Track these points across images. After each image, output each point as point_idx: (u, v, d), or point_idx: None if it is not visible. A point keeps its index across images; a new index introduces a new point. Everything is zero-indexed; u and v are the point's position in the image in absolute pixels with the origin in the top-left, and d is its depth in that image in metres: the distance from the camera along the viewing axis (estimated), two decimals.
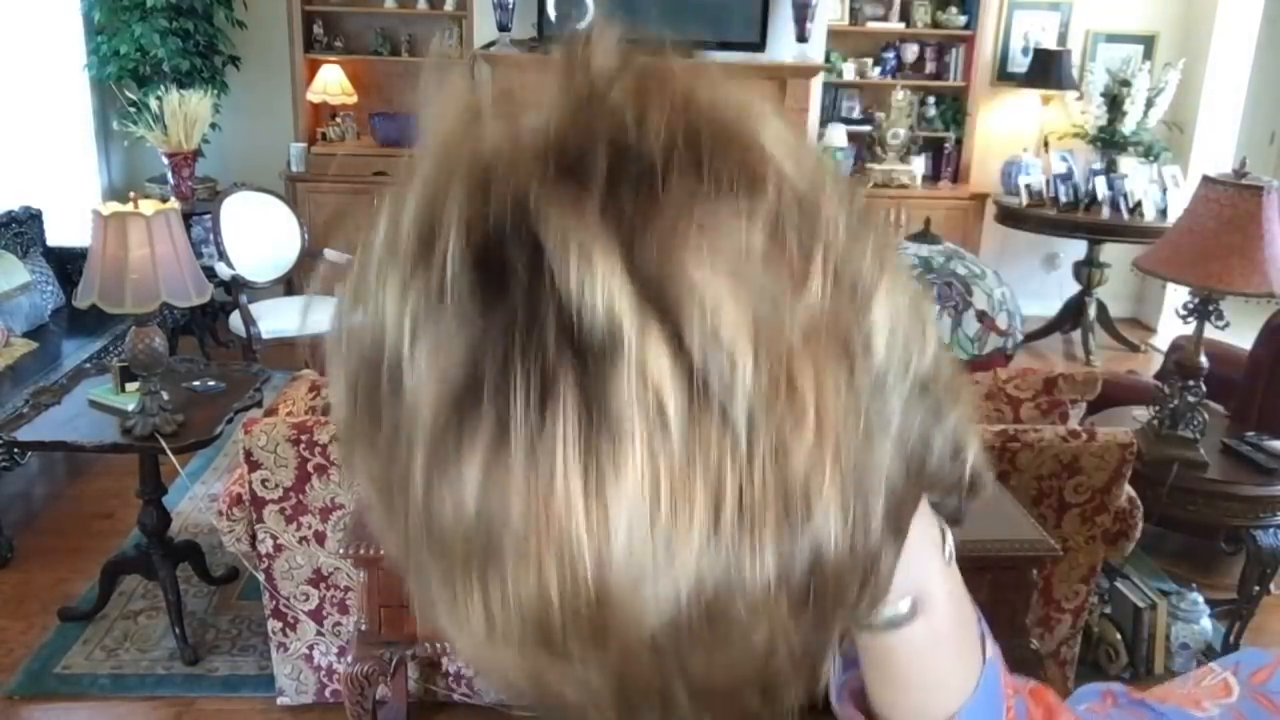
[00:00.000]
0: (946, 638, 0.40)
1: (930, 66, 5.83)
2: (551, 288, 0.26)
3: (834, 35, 5.60)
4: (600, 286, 0.25)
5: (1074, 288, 5.46)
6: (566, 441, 0.25)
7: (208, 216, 4.52)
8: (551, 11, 5.07)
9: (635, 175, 0.27)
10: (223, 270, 4.32)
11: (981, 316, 3.62)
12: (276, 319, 4.27)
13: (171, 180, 4.87)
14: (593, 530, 0.26)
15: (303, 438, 2.27)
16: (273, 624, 2.51)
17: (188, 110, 4.74)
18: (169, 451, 2.62)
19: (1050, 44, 5.70)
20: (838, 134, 5.52)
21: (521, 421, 0.26)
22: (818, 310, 0.27)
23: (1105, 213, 5.09)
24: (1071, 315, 5.49)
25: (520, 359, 0.26)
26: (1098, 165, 5.27)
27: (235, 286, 4.34)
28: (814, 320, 0.27)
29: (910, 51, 5.77)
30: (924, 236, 3.81)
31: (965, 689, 0.41)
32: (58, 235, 4.51)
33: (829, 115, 5.73)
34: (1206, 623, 2.86)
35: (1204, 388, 2.83)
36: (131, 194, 2.68)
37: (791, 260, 0.28)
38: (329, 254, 0.34)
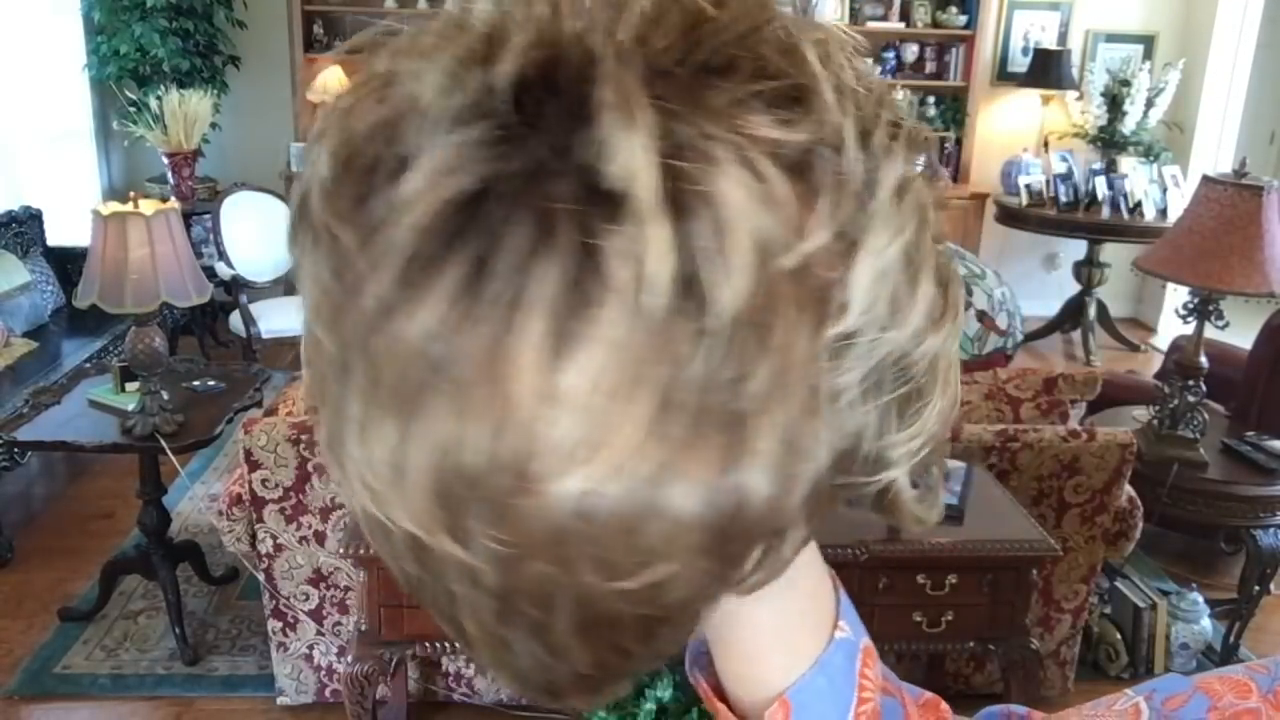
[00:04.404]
0: (781, 610, 0.39)
1: (930, 66, 5.83)
2: (585, 135, 0.25)
3: None
4: (629, 148, 0.25)
5: (1074, 288, 5.46)
6: (544, 295, 0.25)
7: (208, 216, 4.52)
8: None
9: (702, 61, 0.27)
10: (223, 270, 4.32)
11: (981, 316, 3.62)
12: (276, 319, 4.27)
13: (171, 180, 4.87)
14: (536, 393, 0.25)
15: (303, 438, 2.27)
16: (273, 624, 2.51)
17: (188, 110, 4.74)
18: (169, 451, 2.62)
19: (1050, 44, 5.70)
20: None
21: (506, 264, 0.25)
22: (813, 252, 0.27)
23: (1105, 213, 5.09)
24: (1071, 315, 5.49)
25: (528, 195, 0.25)
26: (1098, 165, 5.27)
27: (235, 286, 4.34)
28: (806, 261, 0.27)
29: (910, 51, 5.77)
30: None
31: (800, 668, 0.39)
32: (58, 235, 4.51)
33: None
34: (1206, 623, 2.86)
35: (1204, 388, 2.83)
36: (131, 194, 2.67)
37: (809, 193, 0.27)
38: None
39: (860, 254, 0.28)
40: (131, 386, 2.77)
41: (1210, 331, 2.79)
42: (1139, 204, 5.05)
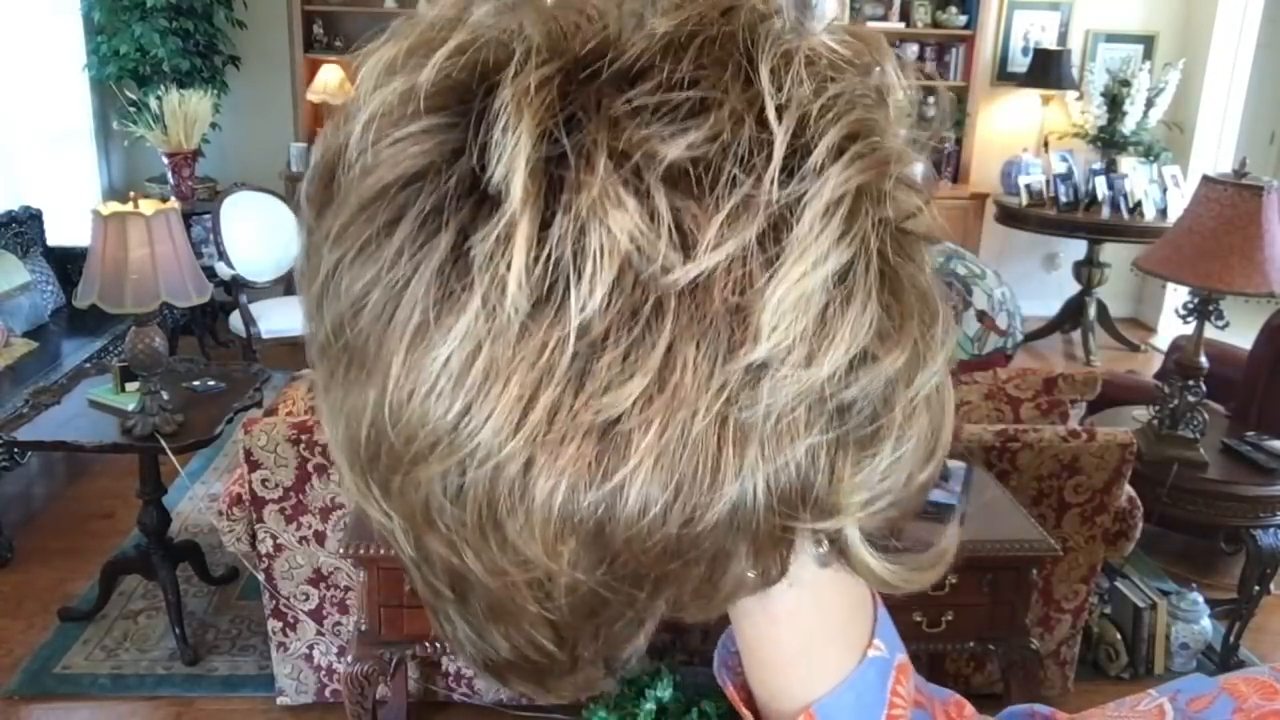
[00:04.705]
0: (811, 627, 0.39)
1: (930, 66, 5.82)
2: (483, 136, 0.27)
3: None
4: (509, 152, 0.26)
5: (1074, 288, 5.46)
6: (421, 284, 0.26)
7: (208, 216, 4.52)
8: None
9: (621, 68, 0.28)
10: (223, 270, 4.32)
11: (981, 316, 3.62)
12: (276, 319, 4.27)
13: (171, 180, 4.87)
14: (407, 375, 0.27)
15: (303, 438, 2.27)
16: (273, 624, 2.51)
17: (188, 110, 4.74)
18: (169, 451, 2.62)
19: (1050, 44, 5.70)
20: None
21: (400, 252, 0.27)
22: (707, 272, 0.26)
23: (1105, 213, 5.09)
24: (1071, 315, 5.49)
25: (428, 190, 0.27)
26: (1098, 165, 5.27)
27: (235, 286, 4.34)
28: (703, 281, 0.26)
29: (910, 51, 5.77)
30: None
31: (828, 682, 0.40)
32: (58, 235, 4.51)
33: None
34: (1206, 623, 2.86)
35: (1204, 388, 2.83)
36: (131, 194, 2.68)
37: (704, 210, 0.26)
38: None
39: (774, 280, 0.27)
40: (131, 386, 2.77)
41: (1210, 331, 2.79)
42: (1139, 204, 5.05)
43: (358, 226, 0.28)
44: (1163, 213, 5.01)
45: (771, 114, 0.27)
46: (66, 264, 4.34)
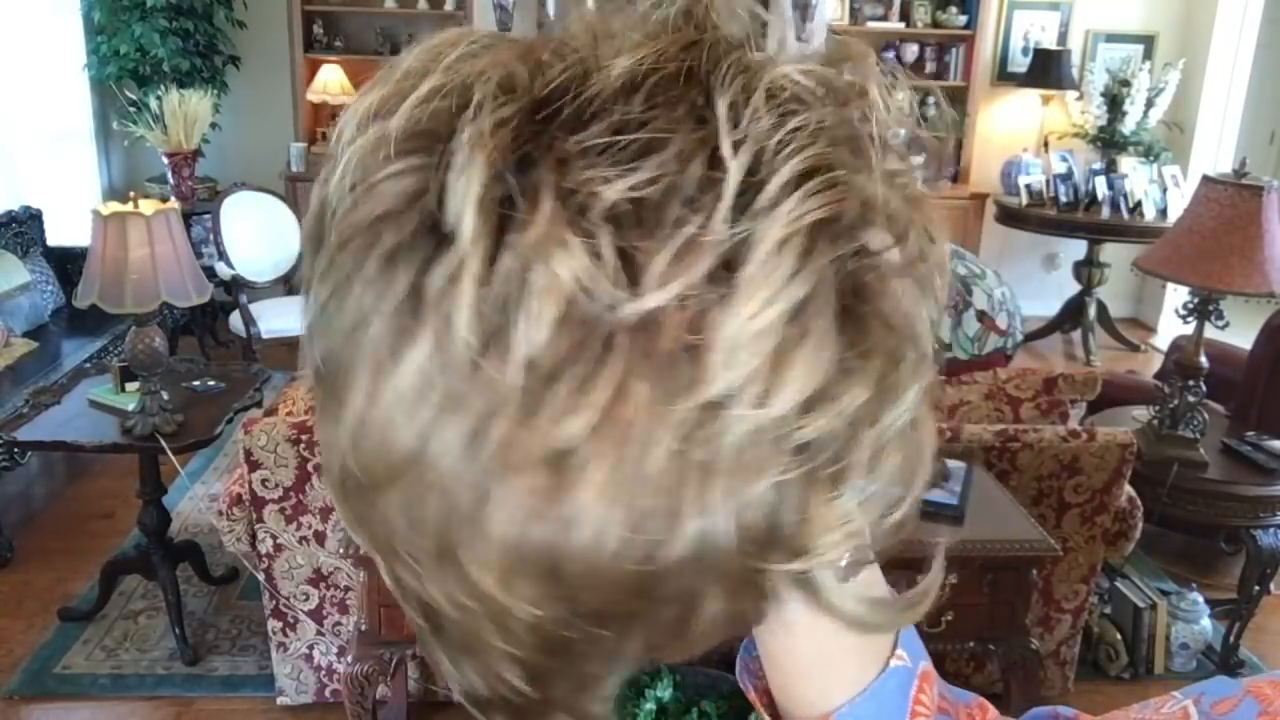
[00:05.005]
0: (828, 641, 0.39)
1: (930, 66, 5.83)
2: (442, 177, 0.27)
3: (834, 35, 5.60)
4: (460, 193, 0.27)
5: (1074, 288, 5.46)
6: (379, 322, 0.28)
7: (208, 216, 4.52)
8: (551, 11, 5.07)
9: (575, 110, 0.28)
10: (223, 270, 4.32)
11: (981, 316, 3.62)
12: (276, 319, 4.26)
13: (171, 180, 4.87)
14: (366, 406, 0.28)
15: (303, 437, 2.27)
16: (273, 624, 2.51)
17: (188, 110, 4.74)
18: (169, 451, 2.62)
19: (1050, 44, 5.70)
20: None
21: (362, 291, 0.28)
22: (655, 310, 0.26)
23: (1105, 213, 5.09)
24: (1071, 315, 5.49)
25: (387, 231, 0.28)
26: (1098, 165, 5.27)
27: (235, 286, 4.34)
28: (651, 319, 0.26)
29: (910, 51, 5.77)
30: None
31: (847, 693, 0.40)
32: (58, 235, 4.51)
33: None
34: (1206, 623, 2.86)
35: (1204, 388, 2.83)
36: (131, 194, 2.67)
37: (649, 249, 0.26)
38: None
39: (725, 318, 0.26)
40: (131, 386, 2.77)
41: (1210, 331, 2.79)
42: (1139, 204, 5.05)
43: (336, 265, 0.29)
44: (1163, 213, 5.01)
45: (726, 151, 0.27)
46: (66, 264, 4.33)
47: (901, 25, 5.69)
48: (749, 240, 0.27)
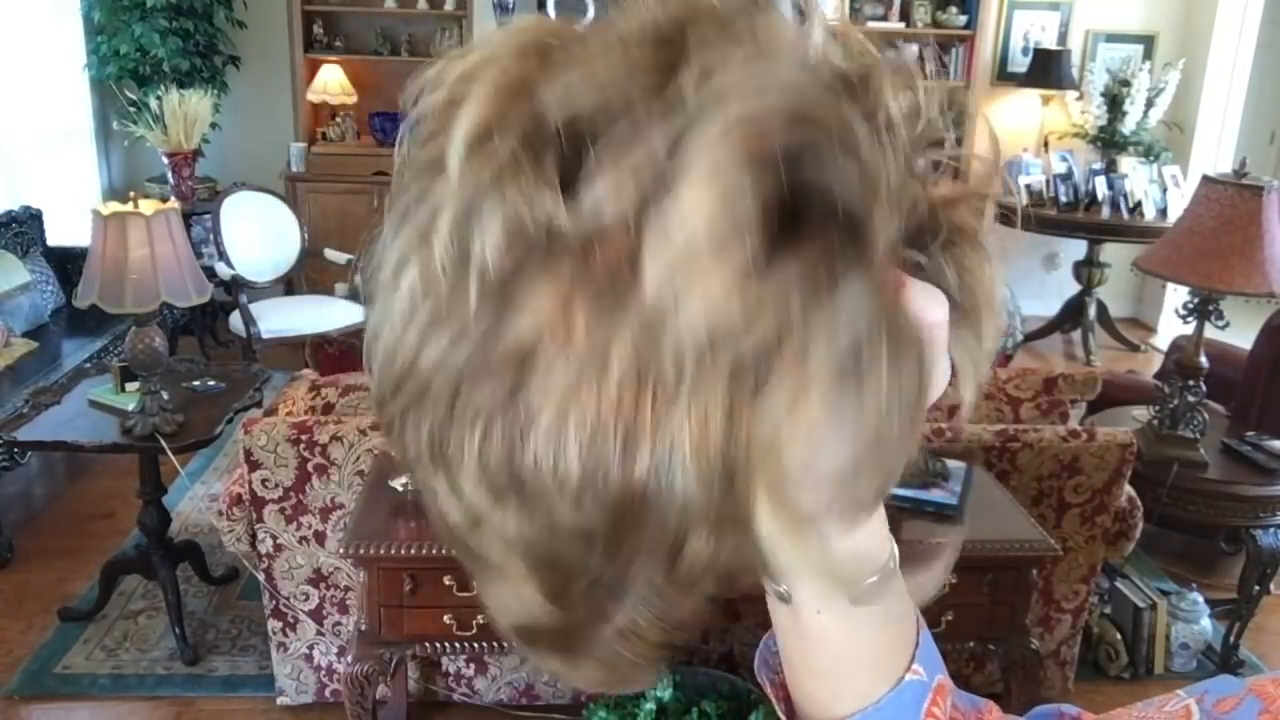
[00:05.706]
0: (840, 653, 0.40)
1: (930, 66, 5.83)
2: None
3: None
4: (454, 134, 0.30)
5: (1074, 288, 5.46)
6: (399, 244, 0.31)
7: (208, 216, 4.52)
8: (551, 11, 5.07)
9: (555, 130, 0.30)
10: (223, 270, 4.32)
11: None
12: (276, 319, 4.26)
13: (171, 180, 4.88)
14: (379, 311, 0.32)
15: (303, 438, 2.27)
16: (273, 624, 2.51)
17: (188, 110, 4.74)
18: (169, 451, 2.62)
19: (1050, 44, 5.70)
20: None
21: (397, 218, 0.32)
22: (594, 227, 0.28)
23: (1105, 213, 5.09)
24: (1071, 315, 5.49)
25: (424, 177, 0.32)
26: (1098, 165, 5.27)
27: (235, 286, 4.34)
28: (587, 233, 0.28)
29: (910, 51, 5.77)
30: None
31: (866, 698, 0.41)
32: (58, 235, 4.51)
33: None
34: (1206, 623, 2.86)
35: (1204, 388, 2.83)
36: (131, 194, 2.68)
37: (590, 169, 0.28)
38: (329, 254, 0.36)
39: (658, 232, 0.28)
40: (131, 386, 2.77)
41: (1210, 331, 2.79)
42: (1139, 204, 5.05)
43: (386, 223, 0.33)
44: (1163, 213, 5.01)
45: (689, 88, 0.29)
46: (66, 264, 4.33)
47: (901, 25, 5.69)
48: (684, 155, 0.28)
